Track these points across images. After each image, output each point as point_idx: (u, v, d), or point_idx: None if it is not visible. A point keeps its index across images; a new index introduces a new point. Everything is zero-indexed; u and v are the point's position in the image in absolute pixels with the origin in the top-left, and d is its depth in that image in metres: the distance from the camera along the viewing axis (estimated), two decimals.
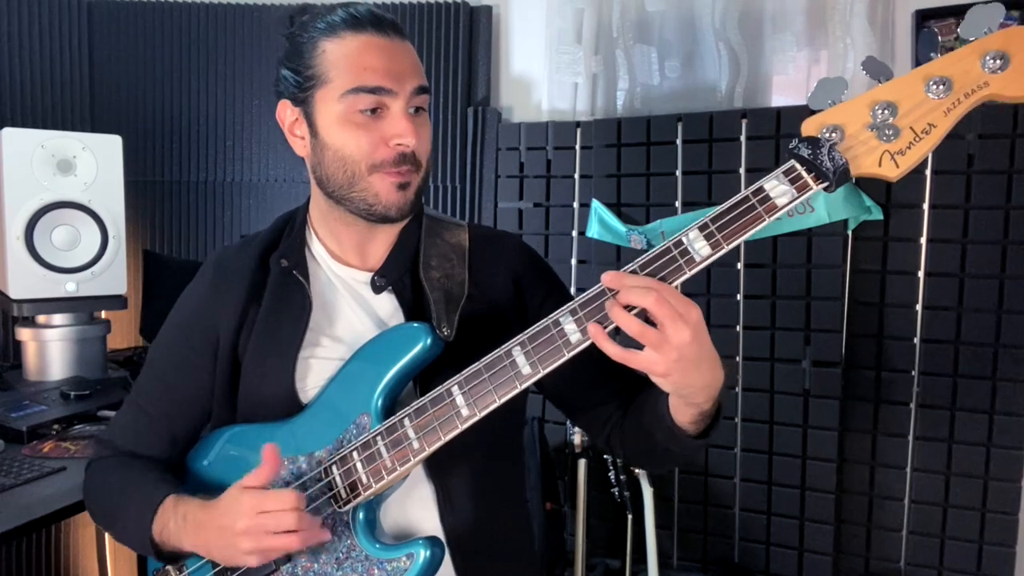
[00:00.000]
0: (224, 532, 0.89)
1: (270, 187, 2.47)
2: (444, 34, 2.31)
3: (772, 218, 0.82)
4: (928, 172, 1.82)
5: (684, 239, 0.83)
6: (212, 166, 2.50)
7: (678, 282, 0.84)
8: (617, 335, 0.84)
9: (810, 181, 0.82)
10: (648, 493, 1.94)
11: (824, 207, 1.85)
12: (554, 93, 2.26)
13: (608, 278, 0.83)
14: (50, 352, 1.89)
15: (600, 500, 2.11)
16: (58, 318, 1.90)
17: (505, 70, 2.37)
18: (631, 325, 0.80)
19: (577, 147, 2.18)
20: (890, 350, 1.90)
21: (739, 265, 1.99)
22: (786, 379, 1.96)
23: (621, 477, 1.99)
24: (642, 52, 2.17)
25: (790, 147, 0.83)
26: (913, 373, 1.88)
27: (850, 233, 1.89)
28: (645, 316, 0.81)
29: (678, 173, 2.03)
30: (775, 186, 0.83)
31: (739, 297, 2.00)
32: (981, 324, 1.81)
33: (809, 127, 0.84)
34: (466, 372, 0.90)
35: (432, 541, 0.93)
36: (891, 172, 0.82)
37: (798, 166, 0.83)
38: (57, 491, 1.32)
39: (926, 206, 1.83)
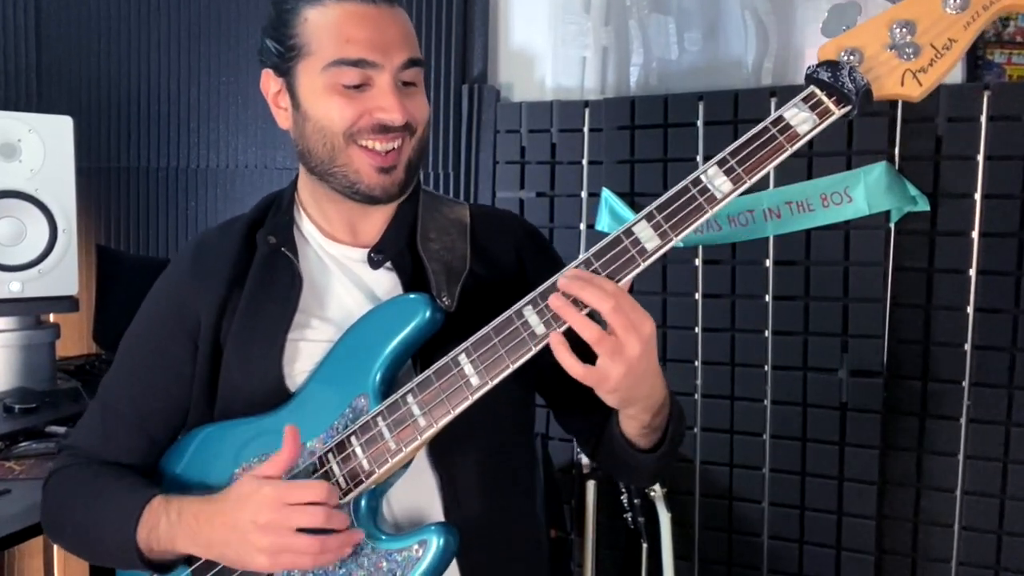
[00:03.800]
0: (238, 527, 0.90)
1: (240, 174, 2.48)
2: (435, 1, 2.31)
3: (794, 147, 0.89)
4: (980, 158, 1.82)
5: (703, 176, 0.89)
6: (174, 151, 2.51)
7: (700, 221, 0.89)
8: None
9: (831, 106, 0.89)
10: (665, 519, 1.94)
11: (864, 197, 1.86)
12: (559, 68, 2.26)
13: (565, 281, 0.87)
14: None
15: (611, 527, 2.11)
16: (1, 322, 1.90)
17: (504, 42, 2.37)
18: (588, 330, 0.86)
19: (585, 129, 2.18)
20: (938, 358, 1.90)
21: (767, 262, 1.99)
22: (821, 390, 1.97)
23: (635, 501, 1.99)
24: (658, 22, 2.17)
25: (808, 72, 0.90)
26: (964, 384, 1.88)
27: (893, 226, 1.90)
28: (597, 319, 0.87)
29: (699, 158, 2.04)
30: (795, 114, 0.89)
31: (768, 298, 2.00)
32: None
33: (827, 51, 0.91)
34: (473, 339, 0.92)
35: (445, 527, 0.94)
36: (914, 91, 0.90)
37: (818, 91, 0.89)
38: (1, 516, 1.32)
39: (978, 196, 1.83)
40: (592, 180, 2.17)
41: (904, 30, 0.89)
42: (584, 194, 2.19)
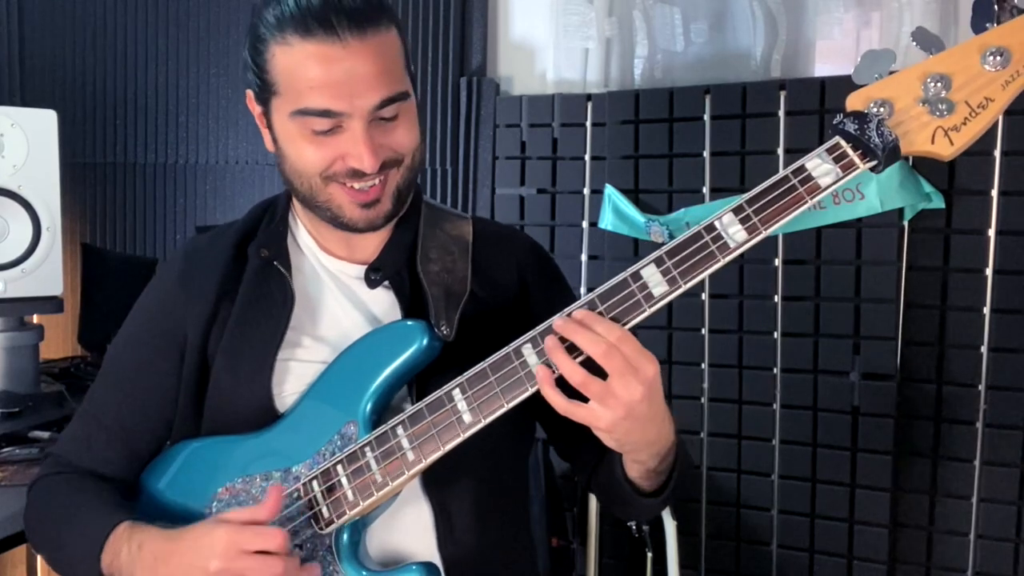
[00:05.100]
0: (191, 570, 0.90)
1: (230, 170, 2.48)
2: None
3: (814, 200, 0.87)
4: (997, 153, 1.82)
5: (717, 223, 0.89)
6: (162, 146, 2.51)
7: (712, 270, 0.89)
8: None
9: (856, 159, 0.87)
10: (671, 527, 1.94)
11: (876, 194, 1.85)
12: (561, 61, 2.26)
13: (560, 323, 0.87)
14: None
15: (614, 535, 2.11)
16: None
17: (504, 33, 2.37)
18: (574, 374, 0.85)
19: (588, 124, 2.18)
20: (953, 360, 1.90)
21: (777, 261, 1.99)
22: (832, 394, 1.97)
23: None
24: (664, 13, 2.17)
25: (834, 122, 0.88)
26: (980, 388, 1.88)
27: (906, 224, 1.89)
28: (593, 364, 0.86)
29: (706, 154, 2.04)
30: (818, 165, 0.88)
31: (777, 299, 2.00)
32: None
33: (855, 101, 0.89)
34: (468, 374, 0.92)
35: (427, 567, 0.94)
36: (945, 150, 0.88)
37: (843, 143, 0.88)
38: None
39: (995, 192, 1.83)
40: (595, 176, 2.17)
41: (939, 84, 0.87)
42: (586, 191, 2.19)
